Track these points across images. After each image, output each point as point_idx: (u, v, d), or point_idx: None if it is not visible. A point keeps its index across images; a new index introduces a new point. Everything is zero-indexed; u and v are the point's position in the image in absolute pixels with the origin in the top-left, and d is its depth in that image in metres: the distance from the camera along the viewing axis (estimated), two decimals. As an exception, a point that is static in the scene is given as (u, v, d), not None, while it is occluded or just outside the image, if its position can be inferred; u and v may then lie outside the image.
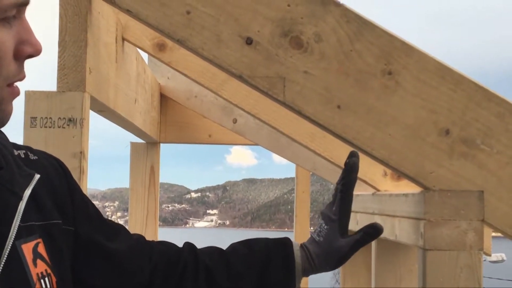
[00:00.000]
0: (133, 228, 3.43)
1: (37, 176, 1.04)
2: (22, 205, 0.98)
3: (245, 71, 1.46)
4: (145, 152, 3.45)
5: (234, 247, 1.41)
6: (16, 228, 0.96)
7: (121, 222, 1.45)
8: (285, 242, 1.41)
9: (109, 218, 1.35)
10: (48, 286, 0.99)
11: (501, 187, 1.48)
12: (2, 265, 0.91)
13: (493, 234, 2.35)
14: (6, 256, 0.92)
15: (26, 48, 0.90)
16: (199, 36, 1.46)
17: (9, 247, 0.93)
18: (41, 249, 1.00)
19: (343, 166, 1.46)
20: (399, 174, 1.51)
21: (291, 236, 4.50)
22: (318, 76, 1.46)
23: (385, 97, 1.46)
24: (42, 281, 0.98)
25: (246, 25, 1.46)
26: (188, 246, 1.39)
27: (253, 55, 1.46)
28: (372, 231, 1.42)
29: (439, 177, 1.48)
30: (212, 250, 1.40)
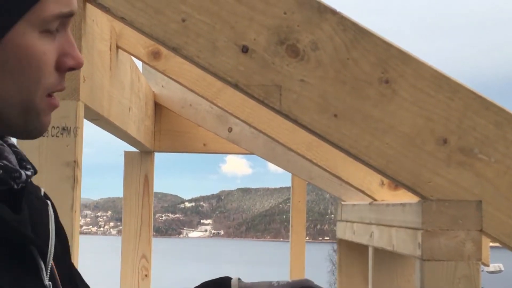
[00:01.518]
0: (126, 238, 3.40)
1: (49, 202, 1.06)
2: (52, 224, 1.00)
3: (241, 80, 1.45)
4: (139, 161, 3.43)
5: None
6: (53, 245, 0.97)
7: (114, 232, 1.43)
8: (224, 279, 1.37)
9: (101, 229, 1.32)
10: None
11: (499, 197, 1.47)
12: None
13: (491, 244, 2.33)
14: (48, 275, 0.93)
15: (68, 61, 0.93)
16: (195, 44, 1.45)
17: (49, 267, 0.94)
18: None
19: (339, 176, 1.45)
20: (396, 183, 1.50)
21: (287, 247, 4.49)
22: (315, 85, 1.45)
23: (382, 106, 1.45)
24: None
25: (242, 33, 1.44)
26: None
27: (249, 63, 1.45)
28: None
29: (436, 187, 1.46)
30: None
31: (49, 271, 0.92)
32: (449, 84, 1.47)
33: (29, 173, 0.94)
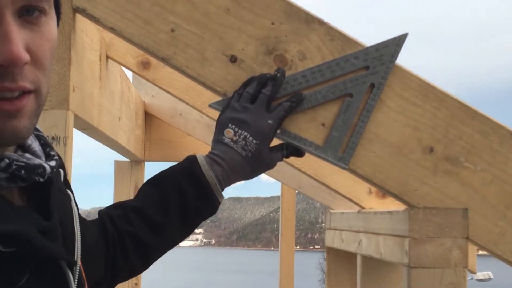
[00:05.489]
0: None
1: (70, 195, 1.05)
2: (77, 222, 1.00)
3: (229, 89, 1.46)
4: (129, 171, 3.43)
5: (145, 195, 1.34)
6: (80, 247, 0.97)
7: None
8: (191, 166, 1.36)
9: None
10: None
11: (485, 205, 1.48)
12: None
13: (480, 252, 2.35)
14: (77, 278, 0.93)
15: None
16: (183, 54, 1.46)
17: (77, 275, 0.93)
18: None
19: (327, 184, 1.46)
20: (384, 192, 1.51)
21: (277, 255, 4.49)
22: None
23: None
24: None
25: (231, 43, 1.46)
26: (105, 217, 1.30)
27: (237, 73, 1.46)
28: (296, 153, 1.45)
29: (423, 195, 1.48)
30: (126, 212, 1.30)
31: (76, 279, 0.91)
32: (435, 93, 1.48)
33: (53, 163, 0.91)
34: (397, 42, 1.45)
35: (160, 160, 3.53)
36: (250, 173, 1.39)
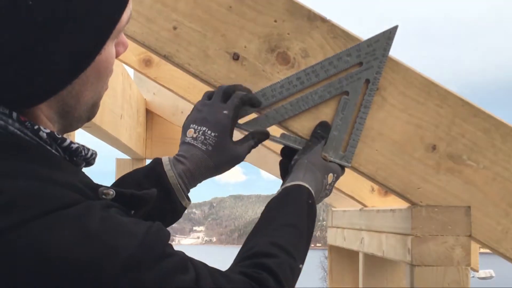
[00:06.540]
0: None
1: None
2: None
3: (232, 87, 1.45)
4: (131, 168, 3.41)
5: None
6: None
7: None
8: (154, 167, 1.34)
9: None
10: None
11: (487, 203, 1.48)
12: None
13: (482, 250, 2.35)
14: None
15: (120, 50, 0.99)
16: (186, 51, 1.46)
17: None
18: None
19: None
20: (386, 189, 1.51)
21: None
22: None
23: (372, 113, 1.46)
24: None
25: (233, 40, 1.46)
26: None
27: (240, 70, 1.46)
28: (264, 137, 1.40)
29: (426, 193, 1.48)
30: None
31: None
32: (438, 91, 1.48)
33: (93, 150, 1.00)
34: (388, 35, 1.45)
35: (162, 158, 3.52)
36: (214, 167, 1.35)
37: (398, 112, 1.47)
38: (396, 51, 1.55)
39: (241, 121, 1.41)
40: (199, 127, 1.35)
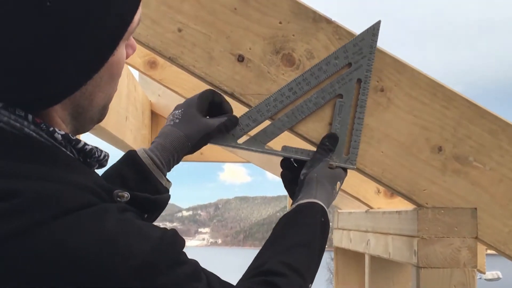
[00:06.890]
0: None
1: None
2: None
3: (236, 89, 1.45)
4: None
5: None
6: None
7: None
8: (128, 152, 1.34)
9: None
10: None
11: (494, 204, 1.47)
12: None
13: (489, 251, 2.34)
14: None
15: (129, 52, 1.01)
16: (191, 53, 1.46)
17: None
18: None
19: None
20: (392, 191, 1.51)
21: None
22: (310, 93, 1.46)
23: (377, 114, 1.46)
24: None
25: (238, 42, 1.45)
26: None
27: (244, 72, 1.45)
28: (234, 120, 1.42)
29: (432, 194, 1.47)
30: None
31: None
32: (444, 92, 1.47)
33: (106, 152, 1.01)
34: (372, 32, 1.45)
35: (167, 160, 3.52)
36: (185, 137, 1.35)
37: (404, 113, 1.46)
38: (401, 52, 1.54)
39: (240, 140, 1.43)
40: (170, 116, 1.40)
